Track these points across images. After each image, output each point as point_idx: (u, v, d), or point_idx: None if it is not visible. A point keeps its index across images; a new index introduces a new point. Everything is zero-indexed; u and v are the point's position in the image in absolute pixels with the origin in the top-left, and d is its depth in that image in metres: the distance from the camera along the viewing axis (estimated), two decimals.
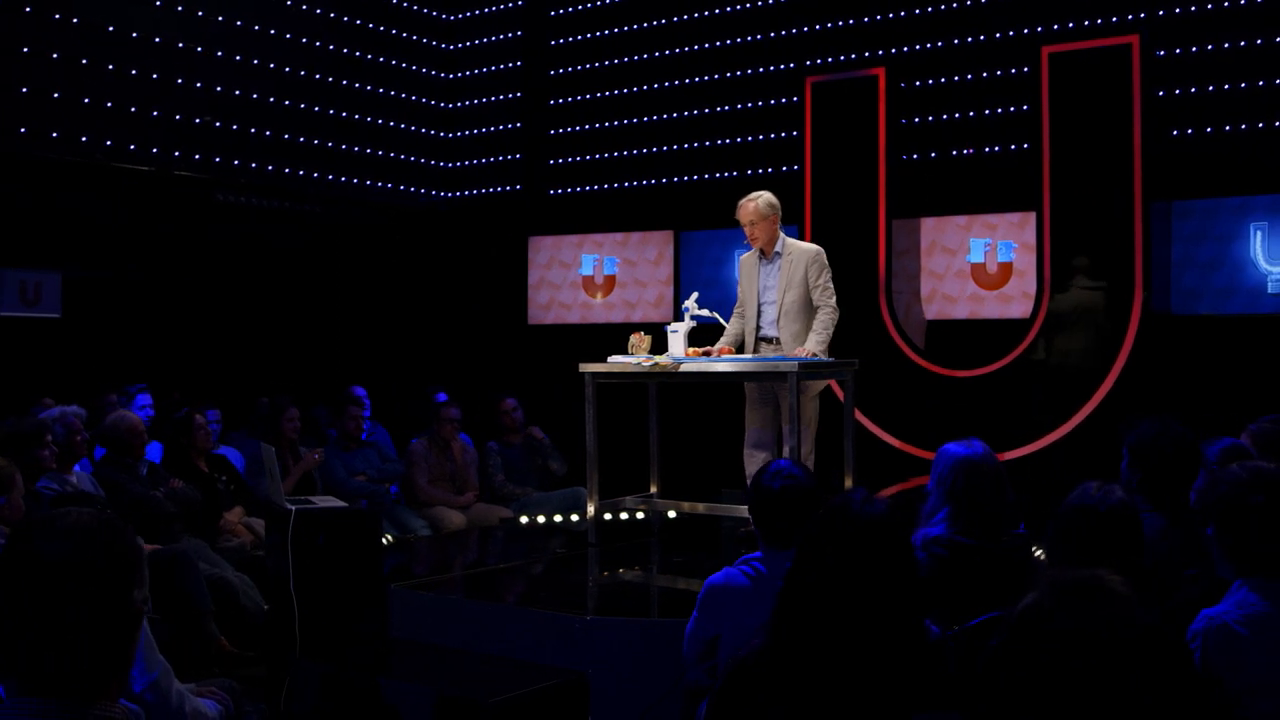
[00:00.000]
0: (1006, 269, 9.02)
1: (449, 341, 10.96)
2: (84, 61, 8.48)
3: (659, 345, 6.30)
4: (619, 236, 10.77)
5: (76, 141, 8.46)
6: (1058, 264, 8.25)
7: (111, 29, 8.66)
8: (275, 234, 9.95)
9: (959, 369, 8.70)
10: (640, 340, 6.30)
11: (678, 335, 6.27)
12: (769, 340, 6.28)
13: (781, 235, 6.30)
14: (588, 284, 10.96)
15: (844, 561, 2.20)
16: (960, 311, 9.17)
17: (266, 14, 9.84)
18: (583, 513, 6.75)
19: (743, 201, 6.28)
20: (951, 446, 3.43)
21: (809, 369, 5.75)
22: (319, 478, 7.41)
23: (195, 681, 3.48)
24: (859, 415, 9.03)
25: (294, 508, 5.00)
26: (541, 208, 11.18)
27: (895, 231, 9.15)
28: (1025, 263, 8.80)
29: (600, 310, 10.87)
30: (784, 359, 5.81)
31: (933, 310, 9.30)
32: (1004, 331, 8.66)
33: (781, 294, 6.14)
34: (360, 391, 8.46)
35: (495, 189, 11.45)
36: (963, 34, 8.97)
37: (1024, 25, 8.69)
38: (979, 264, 9.09)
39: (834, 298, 6.16)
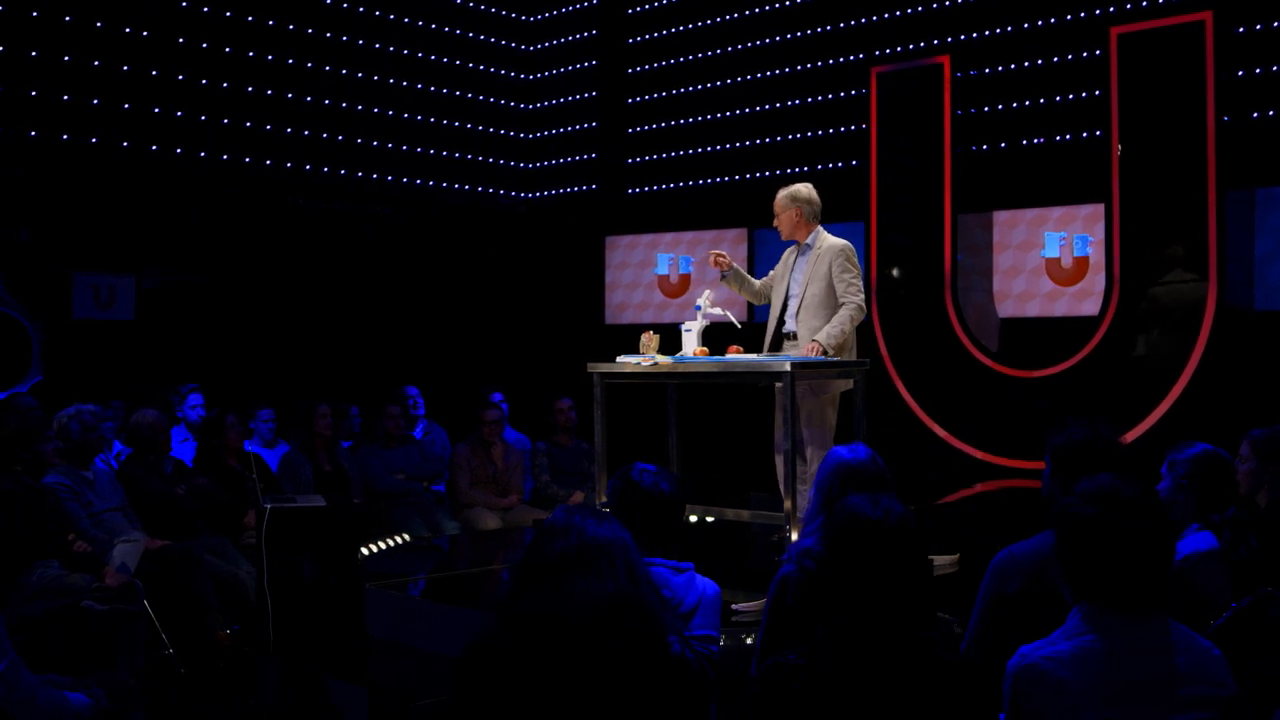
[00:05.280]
0: (1083, 264, 8.55)
1: (525, 342, 11.00)
2: (154, 73, 8.79)
3: (674, 345, 6.18)
4: (694, 235, 10.64)
5: (147, 150, 8.76)
6: (1128, 258, 7.79)
7: (182, 40, 8.95)
8: (351, 237, 10.15)
9: (1027, 369, 8.30)
10: (649, 339, 6.17)
11: (690, 334, 6.14)
12: (789, 336, 6.07)
13: (818, 229, 6.06)
14: (663, 283, 10.87)
15: (551, 566, 2.14)
16: (1035, 309, 8.75)
17: (342, 22, 10.04)
18: None
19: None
20: (836, 450, 3.22)
21: (808, 369, 5.52)
22: (356, 474, 7.51)
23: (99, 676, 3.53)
24: (924, 418, 8.76)
25: (270, 505, 5.05)
26: (617, 207, 11.13)
27: (967, 227, 8.80)
28: (1102, 257, 8.32)
29: (675, 310, 10.75)
30: (780, 358, 5.60)
31: (1007, 308, 8.89)
32: (1078, 329, 8.22)
33: (803, 288, 5.93)
34: (412, 390, 8.55)
35: (572, 189, 11.45)
36: (1029, 17, 8.54)
37: (1093, 6, 8.22)
38: (1054, 259, 8.65)
39: (860, 295, 5.89)
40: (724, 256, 6.22)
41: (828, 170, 9.62)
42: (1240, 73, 7.61)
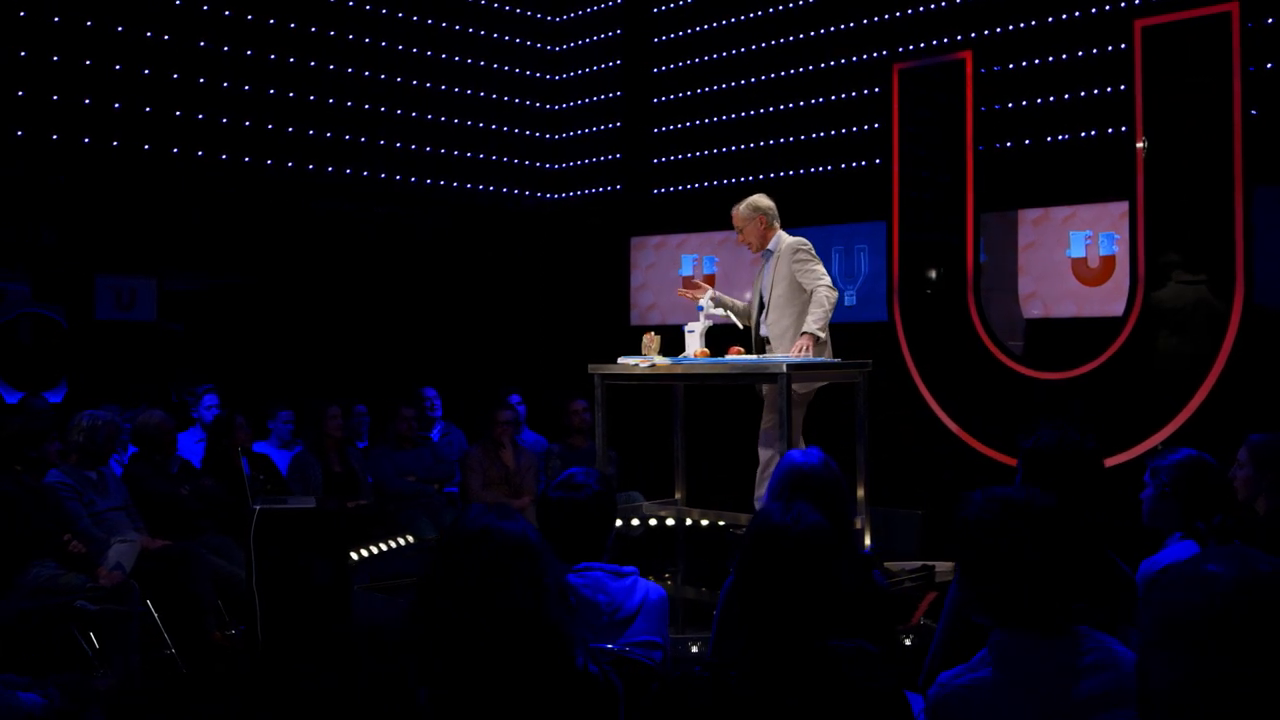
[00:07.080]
0: (1109, 263, 8.36)
1: (548, 344, 10.96)
2: (175, 76, 8.86)
3: (677, 346, 6.14)
4: (718, 235, 10.55)
5: (168, 153, 8.83)
6: (1153, 256, 7.59)
7: (203, 44, 9.01)
8: (374, 239, 10.17)
9: (1050, 370, 8.12)
10: (651, 341, 6.13)
11: (693, 335, 6.12)
12: (766, 340, 6.07)
13: (779, 233, 6.12)
14: (687, 284, 10.76)
15: (456, 575, 2.10)
16: (1062, 310, 8.57)
17: (363, 23, 10.07)
18: (626, 517, 6.60)
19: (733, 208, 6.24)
20: (791, 454, 3.13)
21: (804, 370, 5.43)
22: (368, 475, 7.51)
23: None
24: (946, 420, 8.60)
25: (259, 506, 5.04)
26: (642, 208, 11.06)
27: (992, 226, 8.63)
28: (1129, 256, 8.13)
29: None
30: (775, 359, 5.52)
31: (1034, 308, 8.71)
32: (1104, 330, 8.03)
33: (770, 291, 5.96)
34: (429, 392, 8.54)
35: (597, 190, 11.40)
36: (1052, 11, 8.37)
37: None
38: (1080, 258, 8.46)
39: (825, 279, 5.91)
40: (693, 288, 6.22)
41: (849, 169, 9.49)
42: (1269, 65, 7.40)
